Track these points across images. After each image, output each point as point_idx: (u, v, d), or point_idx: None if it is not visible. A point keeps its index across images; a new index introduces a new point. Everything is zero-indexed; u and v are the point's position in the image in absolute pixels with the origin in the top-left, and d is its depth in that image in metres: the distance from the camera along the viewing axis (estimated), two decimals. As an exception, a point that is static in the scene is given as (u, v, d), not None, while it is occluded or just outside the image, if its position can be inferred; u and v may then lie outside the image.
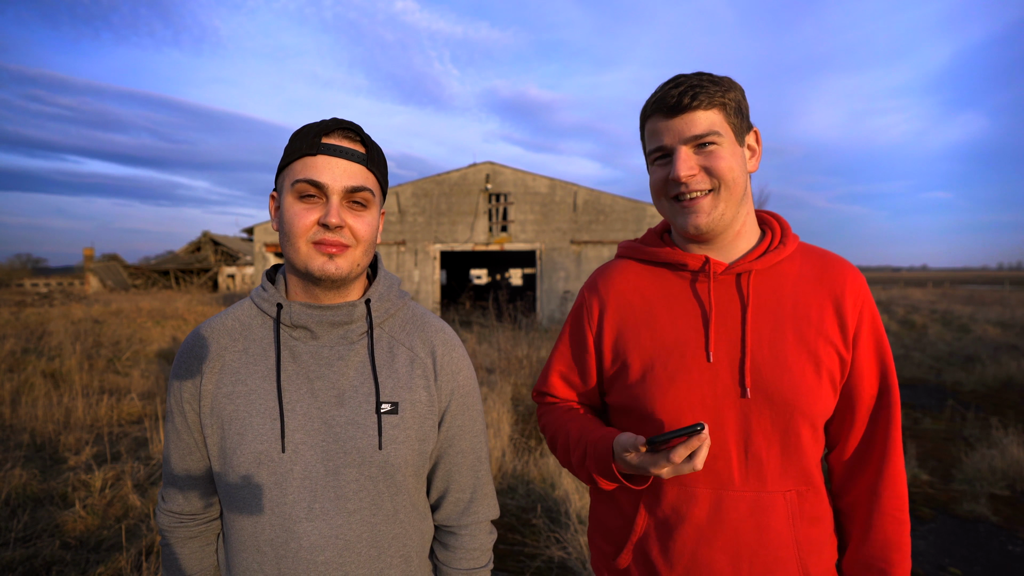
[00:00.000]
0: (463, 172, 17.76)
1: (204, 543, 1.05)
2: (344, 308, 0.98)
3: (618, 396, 1.12)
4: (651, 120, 1.05)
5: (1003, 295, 28.38)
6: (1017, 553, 3.34)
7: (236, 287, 36.99)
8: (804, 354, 1.00)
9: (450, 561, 1.07)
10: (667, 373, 1.04)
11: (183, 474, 1.01)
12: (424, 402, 1.02)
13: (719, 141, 1.00)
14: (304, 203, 0.92)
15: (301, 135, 0.94)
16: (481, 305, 16.07)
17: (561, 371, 1.21)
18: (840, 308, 1.02)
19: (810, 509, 1.02)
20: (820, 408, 1.00)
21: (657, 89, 1.04)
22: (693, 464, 0.87)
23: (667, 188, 1.05)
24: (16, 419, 5.47)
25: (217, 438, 0.96)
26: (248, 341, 0.99)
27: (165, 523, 1.04)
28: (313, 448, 0.94)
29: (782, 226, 1.12)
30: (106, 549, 3.20)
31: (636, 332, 1.09)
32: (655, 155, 1.05)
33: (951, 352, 10.47)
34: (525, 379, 7.02)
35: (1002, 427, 5.41)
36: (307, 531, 0.93)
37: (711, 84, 0.99)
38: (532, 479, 4.10)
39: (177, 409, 0.99)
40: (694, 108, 0.99)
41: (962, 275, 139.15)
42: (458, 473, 1.07)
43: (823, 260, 1.08)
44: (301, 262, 0.93)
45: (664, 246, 1.14)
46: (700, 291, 1.07)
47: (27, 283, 49.12)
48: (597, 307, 1.15)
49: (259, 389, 0.96)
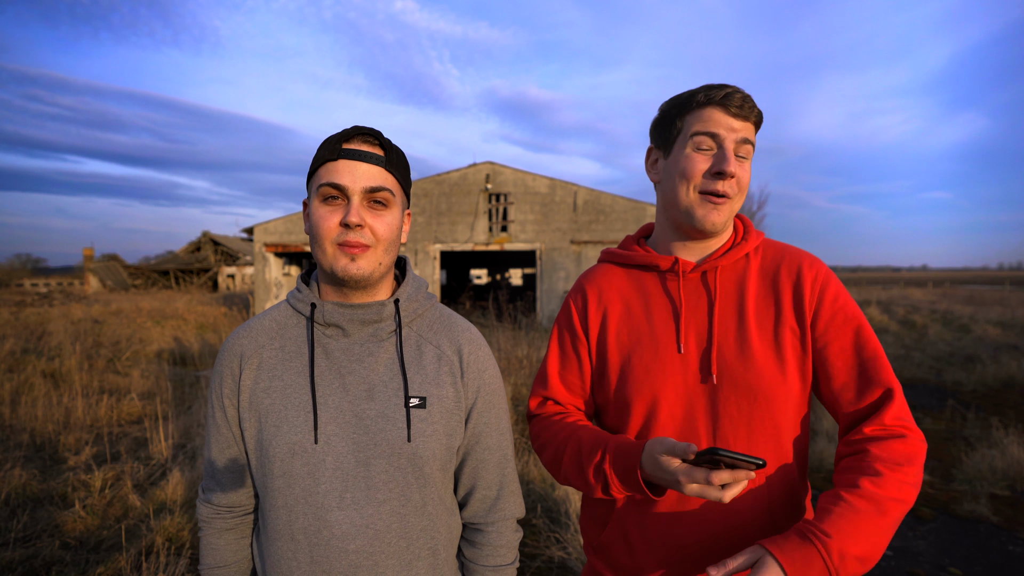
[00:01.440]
0: (463, 172, 17.76)
1: (239, 536, 1.10)
2: (374, 307, 1.03)
3: (602, 391, 1.18)
4: (708, 109, 1.07)
5: (1003, 295, 28.40)
6: (1017, 553, 3.34)
7: (236, 287, 37.00)
8: (766, 341, 1.07)
9: (477, 558, 1.10)
10: (643, 365, 1.11)
11: (222, 467, 1.06)
12: (451, 398, 1.05)
13: (749, 155, 1.10)
14: (328, 206, 0.98)
15: (325, 144, 1.00)
16: (481, 305, 16.08)
17: (558, 372, 1.23)
18: (798, 293, 1.08)
19: (779, 493, 1.06)
20: (783, 392, 1.05)
21: (717, 86, 1.08)
22: (723, 494, 0.86)
23: (703, 180, 1.08)
24: (16, 419, 5.47)
25: (255, 431, 1.01)
26: (284, 339, 1.05)
27: (204, 514, 1.09)
28: (344, 440, 0.99)
29: (745, 225, 1.19)
30: (106, 549, 3.20)
31: (616, 329, 1.16)
32: (702, 139, 1.07)
33: (951, 352, 10.48)
34: (525, 379, 7.02)
35: (1002, 427, 5.41)
36: (339, 520, 0.97)
37: (756, 104, 1.08)
38: (532, 479, 4.10)
39: (218, 404, 1.05)
40: (749, 117, 1.07)
41: (962, 275, 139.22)
42: (485, 470, 1.11)
43: (782, 252, 1.15)
44: (328, 263, 0.99)
45: (639, 250, 1.21)
46: (671, 289, 1.15)
47: (27, 283, 49.15)
48: (582, 304, 1.22)
49: (294, 384, 1.01)
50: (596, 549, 1.20)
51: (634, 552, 1.12)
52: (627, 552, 1.13)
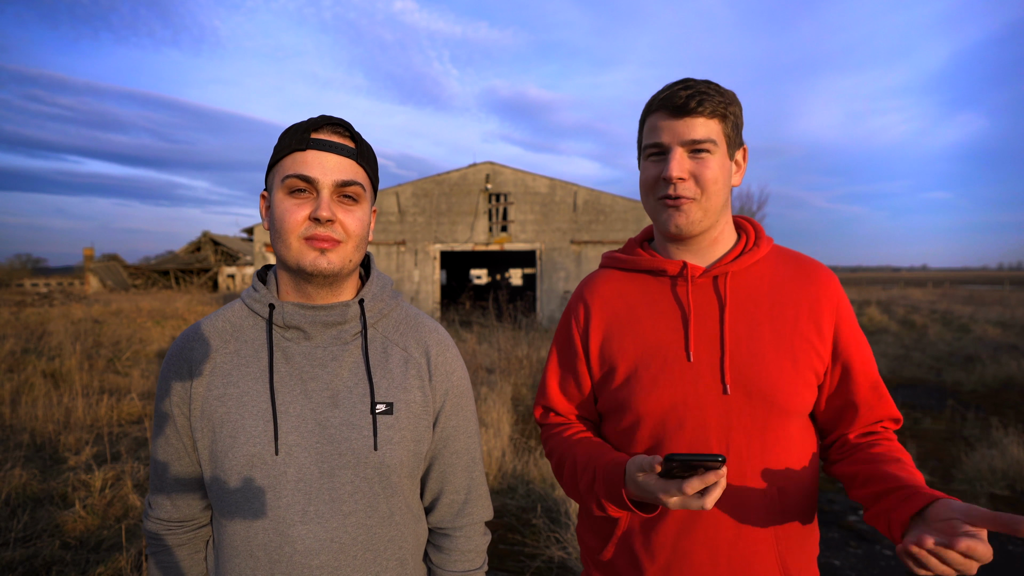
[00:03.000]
0: (463, 172, 17.76)
1: (193, 550, 1.03)
2: (337, 308, 0.97)
3: (606, 400, 1.13)
4: (653, 116, 1.06)
5: (1003, 295, 28.39)
6: (1017, 553, 3.34)
7: (236, 287, 37.00)
8: (781, 351, 1.03)
9: (445, 564, 1.06)
10: (650, 374, 1.06)
11: (171, 480, 0.99)
12: (419, 402, 1.01)
13: (712, 150, 1.03)
14: (295, 198, 0.92)
15: (290, 132, 0.94)
16: (481, 305, 16.06)
17: (558, 382, 1.21)
18: (815, 307, 1.06)
19: (792, 505, 1.03)
20: (798, 403, 1.03)
21: (665, 87, 1.06)
22: (703, 502, 0.84)
23: (656, 186, 1.07)
24: (16, 419, 5.47)
25: (208, 441, 0.94)
26: (239, 343, 0.98)
27: (153, 530, 1.01)
28: (307, 450, 0.93)
29: (756, 230, 1.16)
30: (106, 549, 3.20)
31: (621, 337, 1.12)
32: (650, 151, 1.07)
33: (951, 352, 10.47)
34: (525, 379, 7.02)
35: (1002, 427, 5.41)
36: (302, 535, 0.92)
37: (717, 94, 1.02)
38: (532, 479, 4.10)
39: (167, 413, 0.97)
40: (698, 113, 1.01)
41: (962, 275, 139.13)
42: (452, 474, 1.07)
43: (797, 261, 1.12)
44: (293, 258, 0.92)
45: (644, 254, 1.17)
46: (680, 294, 1.10)
47: (27, 283, 49.14)
48: (583, 315, 1.17)
49: (251, 391, 0.94)
50: (597, 564, 1.16)
51: (641, 570, 1.07)
52: (633, 570, 1.09)
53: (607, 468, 1.01)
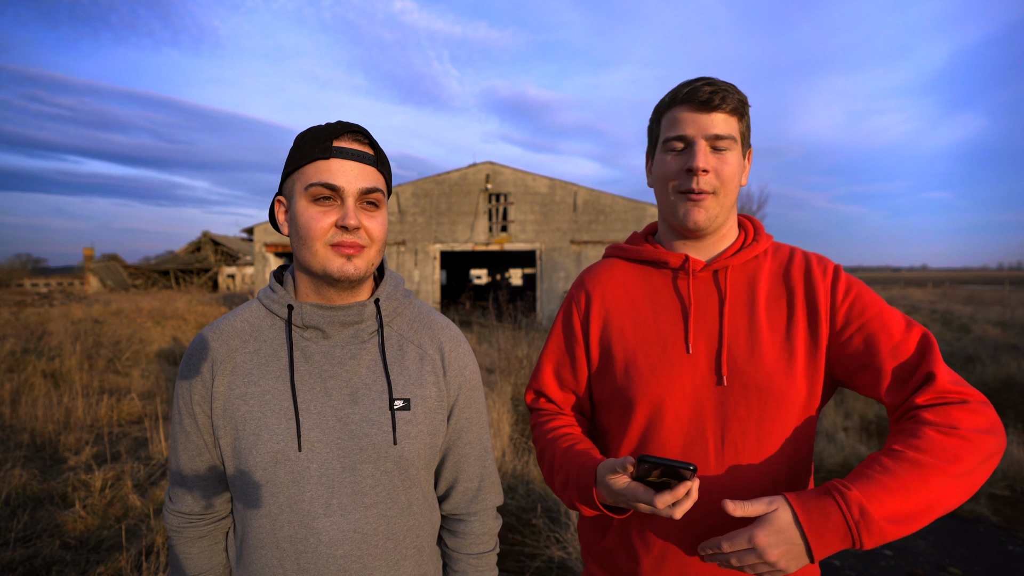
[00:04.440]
0: (463, 172, 17.76)
1: (213, 542, 1.07)
2: (355, 308, 1.00)
3: (603, 389, 1.15)
4: (675, 109, 1.08)
5: (1003, 295, 28.39)
6: (1017, 553, 3.34)
7: (236, 287, 36.99)
8: (778, 343, 1.05)
9: (460, 547, 1.11)
10: (649, 364, 1.08)
11: (192, 475, 1.03)
12: (434, 397, 1.05)
13: (731, 147, 1.06)
14: (319, 206, 0.95)
15: (310, 139, 0.96)
16: (481, 305, 16.07)
17: (553, 367, 1.23)
18: (812, 295, 1.06)
19: None
20: (794, 394, 1.03)
21: (685, 83, 1.07)
22: (673, 512, 0.86)
23: (679, 179, 1.08)
24: (16, 419, 5.47)
25: (231, 439, 0.97)
26: (259, 343, 1.01)
27: (173, 523, 1.05)
28: (329, 446, 0.97)
29: (755, 226, 1.18)
30: (106, 549, 3.20)
31: (620, 326, 1.13)
32: (672, 143, 1.08)
33: (951, 352, 10.47)
34: (525, 379, 7.02)
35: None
36: (326, 527, 0.96)
37: (737, 92, 1.06)
38: (532, 479, 4.10)
39: (186, 411, 1.00)
40: (721, 109, 1.04)
41: (962, 275, 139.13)
42: (466, 463, 1.11)
43: (793, 254, 1.14)
44: (319, 264, 0.95)
45: (648, 246, 1.19)
46: (680, 287, 1.12)
47: (27, 283, 49.15)
48: (584, 302, 1.19)
49: (273, 389, 0.98)
50: (595, 556, 1.18)
51: (637, 560, 1.09)
52: (629, 560, 1.10)
53: (579, 471, 1.03)
